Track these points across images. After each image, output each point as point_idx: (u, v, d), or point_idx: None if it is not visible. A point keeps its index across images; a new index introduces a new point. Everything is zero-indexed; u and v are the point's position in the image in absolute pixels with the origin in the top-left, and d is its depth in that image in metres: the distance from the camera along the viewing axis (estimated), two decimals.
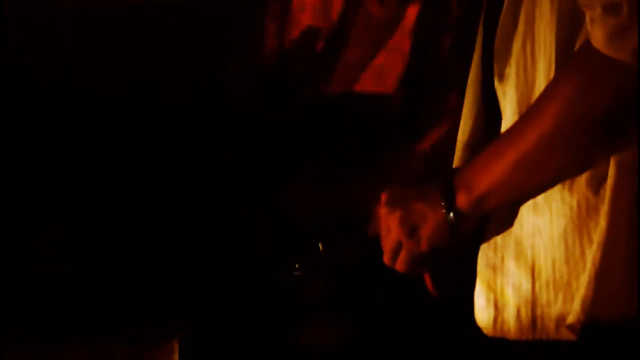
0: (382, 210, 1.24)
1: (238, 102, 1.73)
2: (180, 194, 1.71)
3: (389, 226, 1.23)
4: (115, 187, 1.72)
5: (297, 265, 1.42)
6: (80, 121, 1.79)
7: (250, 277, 1.44)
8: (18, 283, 1.37)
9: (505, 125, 1.19)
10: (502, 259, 1.21)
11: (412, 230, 1.20)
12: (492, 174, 1.15)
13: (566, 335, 1.11)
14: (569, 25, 1.14)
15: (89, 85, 1.82)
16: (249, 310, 1.42)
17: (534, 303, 1.16)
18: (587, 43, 1.06)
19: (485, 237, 1.21)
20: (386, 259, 1.25)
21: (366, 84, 1.71)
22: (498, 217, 1.20)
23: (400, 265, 1.23)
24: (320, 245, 1.46)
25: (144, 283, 1.50)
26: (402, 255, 1.23)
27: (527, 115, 1.13)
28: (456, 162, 1.29)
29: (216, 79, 1.79)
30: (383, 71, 1.88)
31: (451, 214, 1.16)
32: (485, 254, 1.21)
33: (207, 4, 1.91)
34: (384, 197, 1.24)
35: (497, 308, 1.20)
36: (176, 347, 1.29)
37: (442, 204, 1.16)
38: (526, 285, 1.15)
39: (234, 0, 1.95)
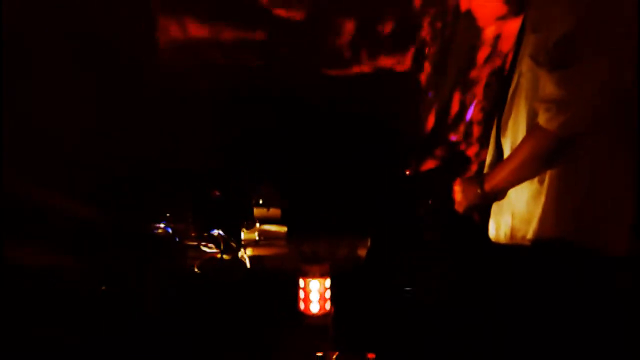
0: (455, 188, 2.63)
1: None
2: None
3: (457, 194, 2.63)
4: None
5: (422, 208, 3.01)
6: None
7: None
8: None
9: (505, 157, 2.45)
10: (501, 209, 2.48)
11: (465, 197, 2.60)
12: (498, 177, 2.44)
13: (525, 243, 2.35)
14: (532, 114, 2.31)
15: None
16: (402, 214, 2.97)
17: (512, 229, 2.41)
18: (537, 122, 2.24)
19: (495, 201, 2.53)
20: (456, 207, 2.63)
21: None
22: (501, 193, 2.46)
23: (459, 209, 2.61)
24: (430, 201, 3.00)
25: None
26: (461, 206, 2.61)
27: (512, 154, 2.38)
28: (486, 170, 2.62)
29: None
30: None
31: (480, 191, 2.50)
32: (494, 207, 2.54)
33: None
34: (456, 182, 2.64)
35: (496, 230, 2.49)
36: (369, 241, 2.76)
37: (478, 187, 2.51)
38: (509, 222, 2.42)
39: None
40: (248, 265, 2.78)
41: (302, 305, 2.51)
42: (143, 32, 3.20)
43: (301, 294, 2.51)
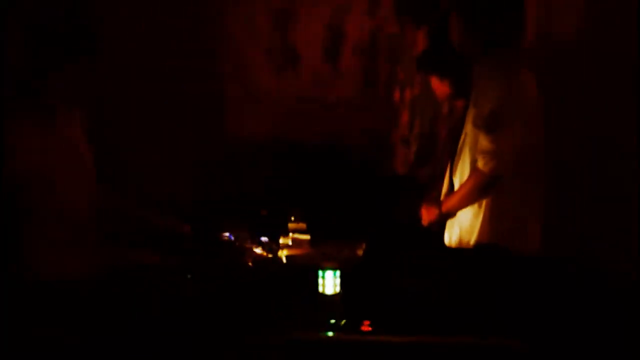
0: (422, 209, 3.73)
1: None
2: None
3: (424, 213, 3.71)
4: None
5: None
6: None
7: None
8: None
9: (455, 189, 3.50)
10: (452, 224, 3.45)
11: (428, 215, 3.68)
12: (451, 202, 3.39)
13: (469, 246, 3.27)
14: (473, 161, 3.19)
15: None
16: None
17: (459, 238, 3.33)
18: (477, 166, 3.15)
19: (448, 219, 3.60)
20: (422, 222, 3.58)
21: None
22: (452, 214, 3.44)
23: (425, 224, 3.57)
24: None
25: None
26: (425, 222, 3.65)
27: (460, 188, 3.33)
28: (442, 198, 3.68)
29: None
30: None
31: (439, 212, 3.61)
32: (448, 223, 3.53)
33: None
34: (423, 205, 3.79)
35: (449, 238, 3.44)
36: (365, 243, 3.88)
37: (437, 209, 3.62)
38: (457, 233, 3.37)
39: None
40: (284, 261, 3.70)
41: (320, 288, 3.23)
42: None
43: (320, 281, 3.22)
